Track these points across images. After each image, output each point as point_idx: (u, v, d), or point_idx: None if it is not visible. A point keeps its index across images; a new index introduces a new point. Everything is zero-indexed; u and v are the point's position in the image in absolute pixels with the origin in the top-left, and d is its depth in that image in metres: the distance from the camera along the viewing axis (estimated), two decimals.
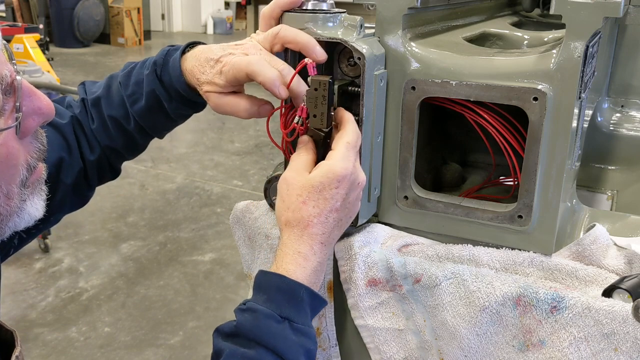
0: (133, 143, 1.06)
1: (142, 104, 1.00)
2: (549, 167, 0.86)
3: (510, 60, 0.86)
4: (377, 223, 0.98)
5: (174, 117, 1.02)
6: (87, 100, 1.06)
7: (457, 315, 0.86)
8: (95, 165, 1.06)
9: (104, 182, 1.12)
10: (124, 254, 3.86)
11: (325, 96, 0.82)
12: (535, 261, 0.89)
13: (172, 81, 0.96)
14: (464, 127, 1.09)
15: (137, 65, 1.03)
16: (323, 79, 0.82)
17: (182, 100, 0.98)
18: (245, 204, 1.04)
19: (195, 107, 1.01)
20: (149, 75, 0.99)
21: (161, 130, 1.07)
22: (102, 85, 1.06)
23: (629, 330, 0.77)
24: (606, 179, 1.40)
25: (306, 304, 0.81)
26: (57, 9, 11.19)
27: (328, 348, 0.97)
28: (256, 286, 0.82)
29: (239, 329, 0.78)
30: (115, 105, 1.03)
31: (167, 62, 0.98)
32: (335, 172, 0.81)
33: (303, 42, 0.85)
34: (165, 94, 0.98)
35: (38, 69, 5.13)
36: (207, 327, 3.13)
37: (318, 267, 0.83)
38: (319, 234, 0.82)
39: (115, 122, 1.03)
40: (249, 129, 6.59)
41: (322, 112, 0.83)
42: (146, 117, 1.01)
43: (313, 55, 0.85)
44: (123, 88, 1.02)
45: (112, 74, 1.07)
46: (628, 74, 1.39)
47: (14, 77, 0.69)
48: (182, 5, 14.38)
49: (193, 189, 4.98)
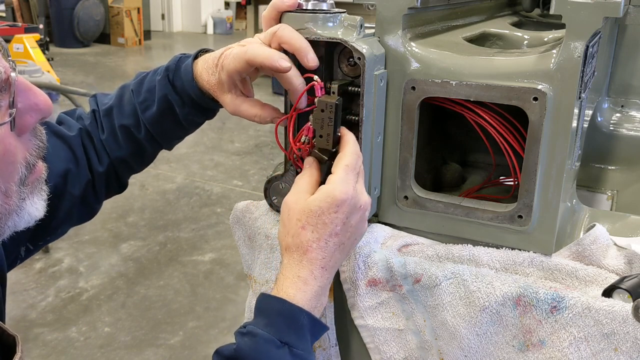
0: (142, 152, 1.06)
1: (154, 109, 1.00)
2: (549, 167, 0.86)
3: (510, 60, 0.86)
4: (377, 223, 0.98)
5: (185, 124, 1.03)
6: (99, 111, 1.06)
7: (457, 315, 0.86)
8: (103, 177, 1.06)
9: (110, 195, 1.12)
10: (124, 254, 3.86)
11: (332, 118, 0.81)
12: (535, 261, 0.89)
13: (184, 86, 0.97)
14: (464, 127, 1.09)
15: (149, 74, 1.04)
16: (330, 101, 0.81)
17: (194, 105, 0.98)
18: (245, 204, 1.04)
19: (207, 113, 1.01)
20: (161, 81, 0.99)
21: (171, 138, 1.07)
22: (114, 96, 1.06)
23: (629, 330, 0.77)
24: (606, 179, 1.40)
25: (307, 330, 0.79)
26: (57, 9, 11.18)
27: (328, 348, 0.97)
28: (257, 309, 0.81)
29: (238, 353, 0.77)
30: (126, 114, 1.03)
31: (179, 67, 0.99)
32: (334, 196, 0.80)
33: (297, 46, 0.84)
34: (178, 98, 0.98)
35: (38, 69, 5.13)
36: (207, 327, 3.13)
37: (319, 291, 0.81)
38: (319, 258, 0.81)
39: (126, 131, 1.04)
40: (249, 129, 6.59)
41: (328, 134, 0.83)
42: (157, 123, 1.02)
43: (304, 60, 0.84)
44: (135, 95, 1.03)
45: (124, 84, 1.07)
46: (628, 74, 1.39)
47: (9, 73, 0.68)
48: (182, 5, 14.38)
49: (193, 189, 4.98)
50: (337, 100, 0.81)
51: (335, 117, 0.82)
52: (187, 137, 1.10)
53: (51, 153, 0.99)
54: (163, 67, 1.01)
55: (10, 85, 0.68)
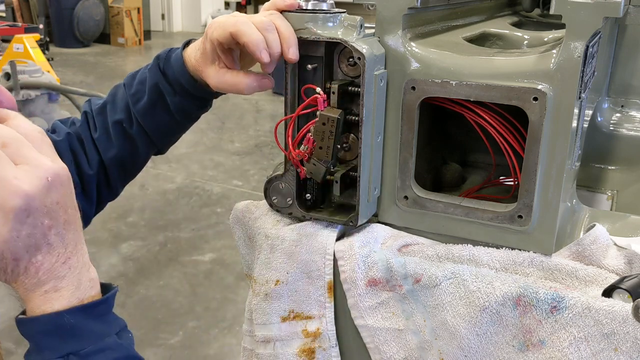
0: (134, 150, 1.06)
1: (145, 100, 1.00)
2: (549, 167, 0.86)
3: (510, 60, 0.86)
4: (377, 223, 0.98)
5: (177, 116, 1.02)
6: (92, 111, 1.06)
7: (457, 315, 0.86)
8: (94, 179, 1.05)
9: (103, 203, 1.10)
10: (124, 254, 3.86)
11: (333, 132, 0.82)
12: (535, 261, 0.89)
13: (175, 73, 0.97)
14: (464, 127, 1.09)
15: (141, 69, 1.04)
16: (332, 116, 0.81)
17: (185, 93, 0.98)
18: (245, 204, 1.04)
19: (199, 103, 1.01)
20: (152, 69, 0.99)
21: (164, 134, 1.06)
22: (108, 94, 1.07)
23: (629, 330, 0.77)
24: (606, 179, 1.40)
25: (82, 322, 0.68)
26: (57, 9, 11.19)
27: (328, 348, 0.97)
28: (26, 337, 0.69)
29: None
30: (119, 109, 1.03)
31: (169, 56, 0.99)
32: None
33: (286, 35, 0.84)
34: (169, 87, 0.98)
35: (38, 69, 5.13)
36: (207, 327, 3.13)
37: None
38: None
39: (118, 127, 1.04)
40: (249, 129, 6.59)
41: (328, 146, 0.83)
42: (148, 115, 1.01)
43: (285, 49, 0.84)
44: (127, 89, 1.03)
45: (117, 84, 1.08)
46: (628, 74, 1.39)
47: None
48: (182, 5, 14.38)
49: (193, 189, 4.98)
50: (339, 115, 0.81)
51: (337, 131, 0.82)
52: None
53: None
54: (154, 58, 1.01)
55: None
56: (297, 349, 0.97)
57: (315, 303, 0.96)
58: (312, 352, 0.97)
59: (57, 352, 0.66)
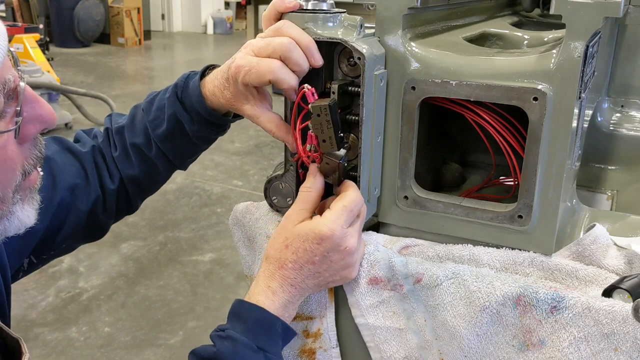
0: (154, 172, 1.07)
1: (164, 127, 1.01)
2: (549, 167, 0.86)
3: (510, 60, 0.86)
4: (372, 231, 0.98)
5: (196, 141, 1.03)
6: (112, 129, 1.08)
7: (458, 315, 0.86)
8: (114, 194, 1.07)
9: (121, 215, 1.13)
10: (124, 254, 3.86)
11: (329, 120, 0.82)
12: (535, 261, 0.89)
13: (192, 103, 0.98)
14: (464, 127, 1.09)
15: (160, 93, 1.05)
16: (323, 104, 0.81)
17: (204, 121, 0.99)
18: (245, 206, 1.04)
19: (217, 129, 1.02)
20: (170, 98, 1.00)
21: (183, 156, 1.08)
22: (127, 116, 1.08)
23: (629, 330, 0.77)
24: (606, 179, 1.40)
25: (279, 337, 0.86)
26: (57, 9, 11.18)
27: (329, 349, 0.98)
28: (233, 314, 0.87)
29: (218, 356, 0.82)
30: (137, 133, 1.04)
31: (187, 85, 0.99)
32: (319, 230, 0.84)
33: (305, 43, 0.85)
34: (187, 116, 0.99)
35: (38, 69, 5.14)
36: (207, 327, 3.13)
37: (287, 304, 0.87)
38: (291, 277, 0.86)
39: (137, 150, 1.05)
40: (249, 129, 6.59)
41: (329, 136, 0.83)
42: (168, 141, 1.02)
43: (311, 60, 0.85)
44: (146, 114, 1.04)
45: (136, 104, 1.09)
46: (628, 74, 1.39)
47: (18, 82, 0.70)
48: (182, 5, 14.38)
49: (193, 189, 4.98)
50: (330, 102, 0.81)
51: (333, 118, 0.82)
52: None
53: (61, 167, 1.01)
54: (172, 85, 1.02)
55: (18, 95, 0.70)
56: (298, 349, 0.97)
57: (316, 303, 0.96)
58: (312, 352, 0.97)
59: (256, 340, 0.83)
